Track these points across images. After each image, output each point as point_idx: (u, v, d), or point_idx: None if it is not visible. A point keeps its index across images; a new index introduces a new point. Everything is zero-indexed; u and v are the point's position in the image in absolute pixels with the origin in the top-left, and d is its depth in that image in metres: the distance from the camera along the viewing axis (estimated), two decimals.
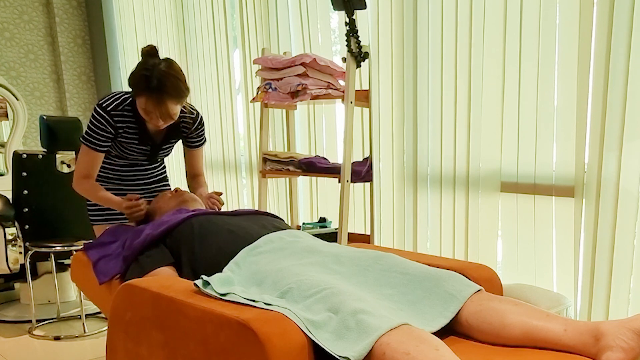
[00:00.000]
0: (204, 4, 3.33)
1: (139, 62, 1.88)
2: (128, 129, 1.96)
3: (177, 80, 1.84)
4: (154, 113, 1.85)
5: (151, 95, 1.81)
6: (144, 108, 1.85)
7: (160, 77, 1.81)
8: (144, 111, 1.87)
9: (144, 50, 1.89)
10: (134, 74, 1.86)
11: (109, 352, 1.46)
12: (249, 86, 3.09)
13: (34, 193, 2.99)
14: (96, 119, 1.91)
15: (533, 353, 1.18)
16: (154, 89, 1.81)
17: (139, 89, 1.84)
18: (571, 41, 1.79)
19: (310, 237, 1.66)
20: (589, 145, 1.76)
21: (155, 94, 1.81)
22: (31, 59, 4.40)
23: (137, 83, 1.84)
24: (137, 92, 1.85)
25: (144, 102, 1.84)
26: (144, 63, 1.85)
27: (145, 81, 1.81)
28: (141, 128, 1.98)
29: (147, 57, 1.87)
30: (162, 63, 1.85)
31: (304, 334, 1.11)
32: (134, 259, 1.67)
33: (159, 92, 1.81)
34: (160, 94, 1.81)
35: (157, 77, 1.80)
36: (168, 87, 1.82)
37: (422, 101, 2.23)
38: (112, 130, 1.92)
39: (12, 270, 2.94)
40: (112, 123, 1.92)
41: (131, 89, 1.89)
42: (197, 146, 2.19)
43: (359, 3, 2.13)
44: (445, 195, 2.20)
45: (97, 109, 1.91)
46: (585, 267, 1.81)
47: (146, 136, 2.01)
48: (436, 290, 1.32)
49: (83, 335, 2.81)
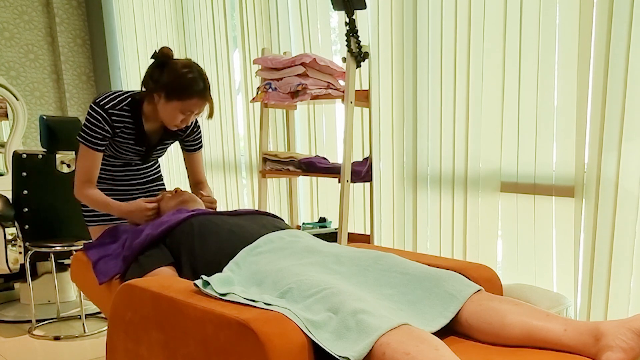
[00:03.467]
0: (204, 4, 3.33)
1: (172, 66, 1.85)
2: (125, 129, 1.95)
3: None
4: (193, 114, 1.89)
5: (203, 96, 1.87)
6: (191, 109, 1.86)
7: (204, 77, 1.87)
8: (184, 113, 1.86)
9: (165, 52, 1.87)
10: (175, 77, 1.83)
11: (109, 352, 1.46)
12: (249, 86, 3.09)
13: (34, 193, 2.99)
14: (93, 117, 1.88)
15: (533, 353, 1.18)
16: (203, 90, 1.86)
17: (189, 92, 1.83)
18: (571, 41, 1.79)
19: (310, 237, 1.67)
20: (588, 145, 1.76)
21: (206, 94, 1.87)
22: (31, 59, 4.40)
23: (186, 86, 1.83)
24: (185, 95, 1.83)
25: (195, 104, 1.86)
26: (177, 65, 1.85)
27: (196, 84, 1.84)
28: (138, 129, 1.97)
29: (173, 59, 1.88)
30: (194, 64, 1.88)
31: (304, 334, 1.11)
32: (133, 259, 1.67)
33: (207, 92, 1.88)
34: (208, 94, 1.88)
35: (202, 79, 1.86)
36: (208, 84, 1.89)
37: (422, 101, 2.23)
38: (109, 129, 1.90)
39: (12, 270, 2.93)
40: (110, 122, 1.90)
41: (171, 93, 1.84)
42: (196, 149, 2.18)
43: (359, 3, 2.13)
44: (445, 195, 2.20)
45: (94, 107, 1.88)
46: (585, 267, 1.81)
47: (143, 137, 2.00)
48: (436, 290, 1.32)
49: (83, 335, 2.80)
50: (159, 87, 1.86)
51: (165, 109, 1.87)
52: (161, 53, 1.88)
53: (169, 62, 1.86)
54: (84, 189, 1.95)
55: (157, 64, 1.88)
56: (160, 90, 1.85)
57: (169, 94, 1.84)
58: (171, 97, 1.84)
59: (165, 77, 1.84)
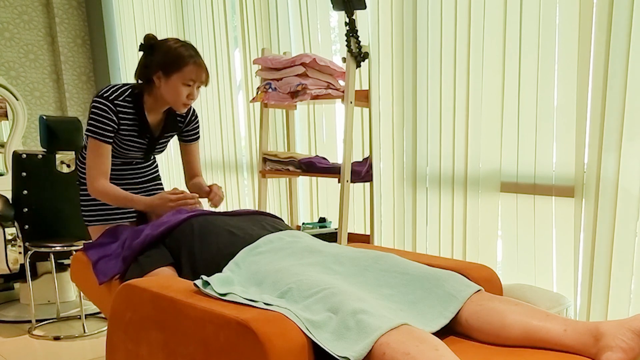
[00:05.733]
0: (204, 5, 3.33)
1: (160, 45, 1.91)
2: (128, 120, 1.96)
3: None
4: (197, 81, 1.92)
5: (197, 61, 1.90)
6: (193, 77, 1.90)
7: (191, 46, 1.93)
8: (188, 84, 1.90)
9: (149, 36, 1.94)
10: (167, 52, 1.88)
11: (109, 352, 1.46)
12: (249, 87, 3.09)
13: (34, 193, 2.99)
14: (99, 109, 1.88)
15: (533, 353, 1.18)
16: (193, 56, 1.90)
17: (184, 60, 1.88)
18: (571, 41, 1.79)
19: (309, 237, 1.67)
20: (588, 145, 1.76)
21: (199, 59, 1.91)
22: (31, 59, 4.40)
23: (180, 56, 1.88)
24: (182, 64, 1.88)
25: (193, 71, 1.89)
26: (168, 42, 1.91)
27: (188, 50, 1.90)
28: (141, 120, 1.98)
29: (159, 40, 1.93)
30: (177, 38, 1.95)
31: (303, 334, 1.11)
32: (133, 259, 1.67)
33: (200, 58, 1.92)
34: (201, 60, 1.92)
35: (189, 46, 1.92)
36: (198, 52, 1.94)
37: (422, 101, 2.23)
38: (115, 119, 1.91)
39: (11, 270, 2.93)
40: (115, 112, 1.91)
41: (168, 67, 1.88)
42: (193, 139, 2.18)
43: (359, 3, 2.13)
44: (445, 195, 2.20)
45: (98, 100, 1.89)
46: (584, 267, 1.81)
47: (145, 128, 2.00)
48: (436, 290, 1.32)
49: (83, 336, 2.80)
50: (154, 68, 1.90)
51: (168, 88, 1.91)
52: (145, 39, 1.94)
53: (155, 44, 1.92)
54: (100, 183, 1.91)
55: (146, 50, 1.93)
56: (156, 70, 1.90)
57: (166, 70, 1.89)
58: (169, 72, 1.88)
59: (157, 57, 1.90)
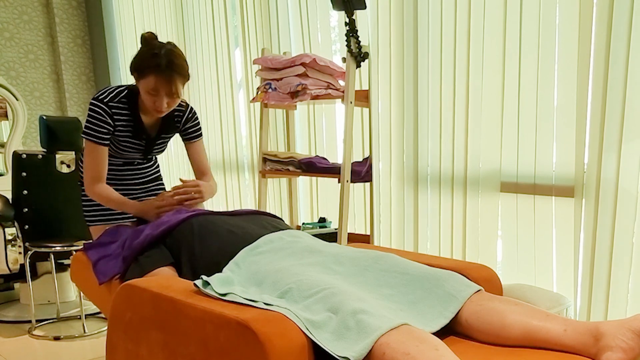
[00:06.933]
0: (204, 5, 3.33)
1: (143, 45, 1.88)
2: (124, 121, 1.96)
3: (183, 60, 1.88)
4: (161, 92, 1.85)
5: (162, 73, 1.82)
6: (153, 88, 1.83)
7: (169, 55, 1.83)
8: (151, 93, 1.85)
9: (146, 35, 1.90)
10: (139, 54, 1.85)
11: (109, 352, 1.46)
12: (250, 87, 3.09)
13: (34, 193, 2.99)
14: (95, 112, 1.90)
15: (533, 353, 1.18)
16: (164, 66, 1.82)
17: (147, 68, 1.82)
18: (571, 41, 1.79)
19: (309, 237, 1.67)
20: (588, 145, 1.76)
21: (166, 71, 1.82)
22: (31, 59, 4.40)
23: (145, 62, 1.83)
24: (145, 72, 1.83)
25: (153, 82, 1.83)
26: (149, 45, 1.86)
27: (155, 59, 1.82)
28: (136, 120, 1.98)
29: (149, 40, 1.89)
30: (168, 44, 1.88)
31: (303, 334, 1.11)
32: (133, 259, 1.67)
33: (169, 69, 1.82)
34: (170, 72, 1.83)
35: (166, 56, 1.82)
36: (176, 65, 1.84)
37: (422, 101, 2.23)
38: (110, 122, 1.92)
39: (11, 270, 2.93)
40: (110, 114, 1.91)
41: (135, 71, 1.86)
42: (195, 137, 2.15)
43: (359, 3, 2.13)
44: (445, 195, 2.20)
45: (94, 102, 1.90)
46: (584, 267, 1.81)
47: (141, 129, 2.00)
48: (436, 290, 1.32)
49: (83, 336, 2.80)
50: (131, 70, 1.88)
51: (141, 93, 1.88)
52: (141, 37, 1.90)
53: (141, 44, 1.88)
54: (96, 186, 1.95)
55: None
56: (132, 72, 1.88)
57: (135, 75, 1.86)
58: (137, 77, 1.87)
59: (133, 59, 1.87)
